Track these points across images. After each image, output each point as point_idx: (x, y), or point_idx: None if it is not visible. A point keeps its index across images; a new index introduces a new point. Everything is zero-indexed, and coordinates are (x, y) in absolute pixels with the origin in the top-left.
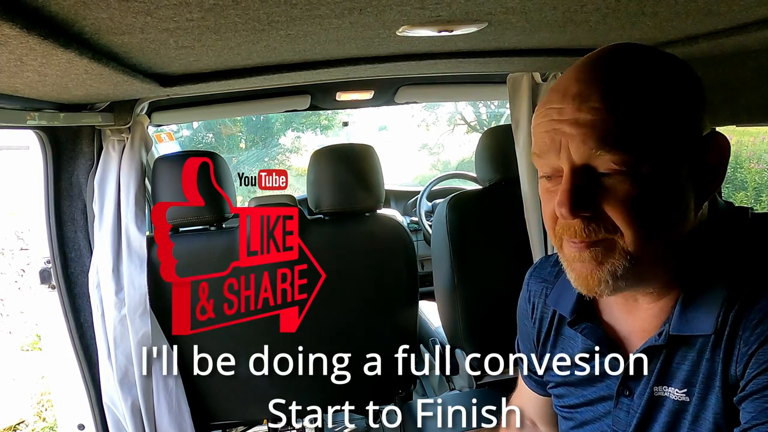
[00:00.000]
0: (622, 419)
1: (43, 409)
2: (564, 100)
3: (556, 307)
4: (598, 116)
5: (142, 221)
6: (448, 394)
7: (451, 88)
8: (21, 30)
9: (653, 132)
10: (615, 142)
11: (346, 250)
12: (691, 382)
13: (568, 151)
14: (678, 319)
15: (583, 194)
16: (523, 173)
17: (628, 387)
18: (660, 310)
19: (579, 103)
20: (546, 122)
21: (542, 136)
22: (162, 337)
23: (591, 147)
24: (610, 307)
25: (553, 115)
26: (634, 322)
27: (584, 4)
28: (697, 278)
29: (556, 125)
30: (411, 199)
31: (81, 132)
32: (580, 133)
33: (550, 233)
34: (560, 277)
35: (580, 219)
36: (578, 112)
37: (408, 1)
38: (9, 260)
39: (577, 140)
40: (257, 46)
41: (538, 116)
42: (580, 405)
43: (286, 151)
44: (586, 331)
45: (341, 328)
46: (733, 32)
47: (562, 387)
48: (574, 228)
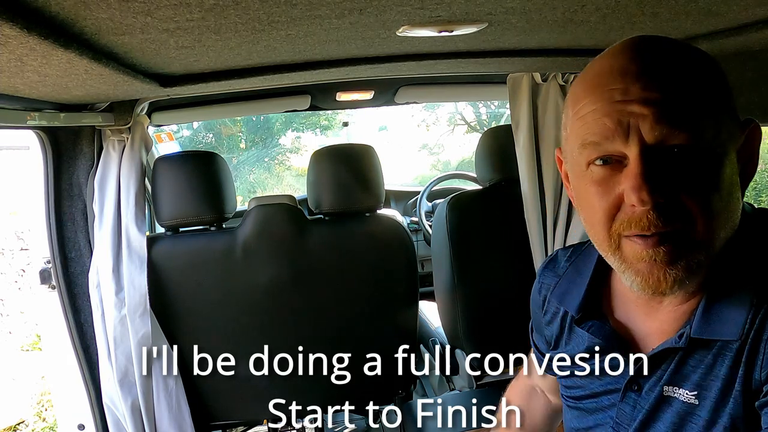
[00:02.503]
0: (626, 413)
1: (43, 409)
2: (625, 79)
3: (560, 303)
4: (668, 92)
5: (142, 221)
6: (448, 394)
7: (451, 88)
8: (21, 30)
9: (715, 110)
10: (688, 118)
11: (346, 250)
12: (704, 385)
13: (638, 132)
14: (700, 322)
15: (659, 176)
16: (523, 173)
17: (638, 383)
18: (683, 312)
19: (646, 80)
20: (606, 105)
21: (601, 121)
22: (162, 337)
23: (666, 124)
24: (625, 305)
25: (616, 96)
26: (651, 323)
27: (584, 4)
28: (721, 281)
29: (620, 106)
30: (411, 199)
31: (81, 132)
32: (652, 111)
33: (600, 235)
34: (567, 272)
35: (652, 207)
36: (647, 91)
37: (408, 1)
38: (9, 260)
39: (650, 119)
40: (257, 46)
41: (590, 101)
42: (586, 396)
43: (286, 151)
44: (593, 329)
45: (341, 328)
46: (733, 32)
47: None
48: (645, 218)
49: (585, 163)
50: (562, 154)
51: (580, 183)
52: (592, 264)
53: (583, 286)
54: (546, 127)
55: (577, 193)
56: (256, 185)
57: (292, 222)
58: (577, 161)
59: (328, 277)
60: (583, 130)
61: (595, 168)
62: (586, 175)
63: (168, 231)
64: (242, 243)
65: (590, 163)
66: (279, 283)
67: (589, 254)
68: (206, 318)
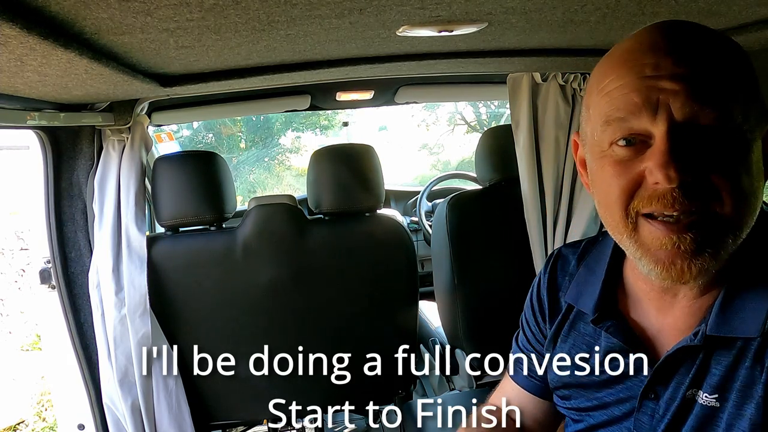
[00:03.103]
0: (645, 423)
1: (43, 409)
2: (657, 54)
3: (575, 303)
4: (700, 70)
5: (142, 221)
6: (448, 394)
7: (451, 88)
8: (21, 30)
9: (745, 91)
10: (719, 96)
11: (346, 250)
12: (725, 387)
13: (667, 108)
14: (716, 319)
15: (688, 154)
16: (523, 173)
17: (654, 390)
18: (698, 308)
19: (678, 56)
20: (634, 80)
21: (629, 96)
22: (162, 337)
23: (697, 101)
24: (640, 302)
25: (647, 71)
26: (665, 320)
27: (584, 4)
28: (741, 276)
29: (650, 82)
30: (411, 199)
31: (81, 132)
32: (683, 88)
33: (616, 215)
34: (580, 272)
35: (679, 184)
36: (678, 66)
37: (408, 1)
38: (9, 260)
39: (681, 95)
40: (257, 46)
41: (618, 76)
42: (594, 408)
43: (286, 151)
44: (611, 329)
45: (341, 328)
46: (733, 32)
47: (571, 388)
48: (670, 195)
49: (608, 142)
50: (579, 137)
51: (598, 164)
52: (605, 261)
53: (597, 285)
54: (546, 126)
55: (593, 177)
56: (256, 185)
57: (292, 222)
58: (598, 141)
59: (327, 277)
60: (608, 106)
61: (617, 148)
62: (606, 155)
63: (168, 231)
64: (242, 243)
65: (613, 143)
66: (279, 283)
67: (601, 251)
68: (206, 318)
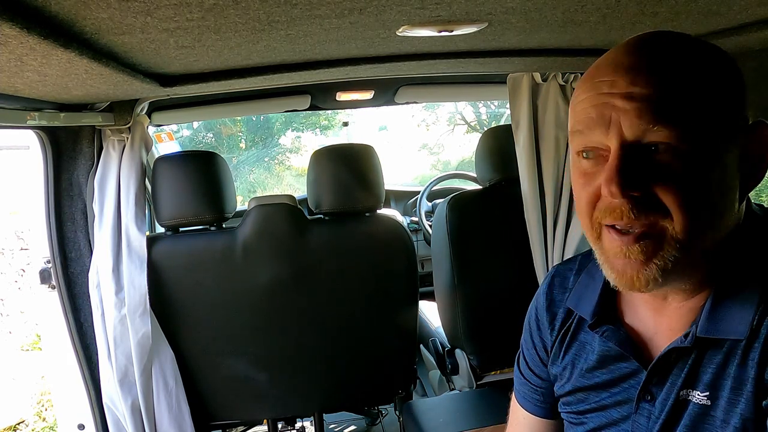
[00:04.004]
0: (642, 425)
1: (43, 409)
2: (616, 72)
3: (575, 308)
4: (653, 90)
5: (142, 221)
6: (448, 394)
7: (451, 88)
8: (21, 30)
9: (707, 110)
10: (671, 116)
11: (346, 250)
12: (716, 386)
13: (618, 126)
14: (706, 321)
15: (635, 171)
16: (523, 173)
17: (650, 391)
18: (689, 309)
19: (633, 76)
20: (593, 96)
21: (587, 111)
22: (162, 337)
23: (646, 121)
24: (635, 306)
25: (603, 88)
26: (660, 322)
27: (584, 5)
28: (728, 279)
29: (605, 99)
30: (411, 199)
31: (81, 132)
32: (634, 107)
33: (584, 223)
34: (580, 279)
35: (628, 199)
36: (632, 86)
37: (408, 1)
38: (9, 260)
39: (630, 115)
40: (257, 46)
41: (582, 90)
42: (593, 410)
43: (286, 151)
44: (607, 334)
45: (341, 328)
46: (733, 32)
47: (575, 394)
48: (620, 209)
49: (575, 152)
50: None
51: (573, 173)
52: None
53: (596, 290)
54: (546, 126)
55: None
56: (256, 185)
57: (292, 222)
58: (572, 150)
59: (327, 276)
60: (573, 119)
61: (583, 160)
62: (575, 165)
63: (168, 231)
64: (242, 243)
65: (579, 154)
66: (279, 282)
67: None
68: (206, 318)
